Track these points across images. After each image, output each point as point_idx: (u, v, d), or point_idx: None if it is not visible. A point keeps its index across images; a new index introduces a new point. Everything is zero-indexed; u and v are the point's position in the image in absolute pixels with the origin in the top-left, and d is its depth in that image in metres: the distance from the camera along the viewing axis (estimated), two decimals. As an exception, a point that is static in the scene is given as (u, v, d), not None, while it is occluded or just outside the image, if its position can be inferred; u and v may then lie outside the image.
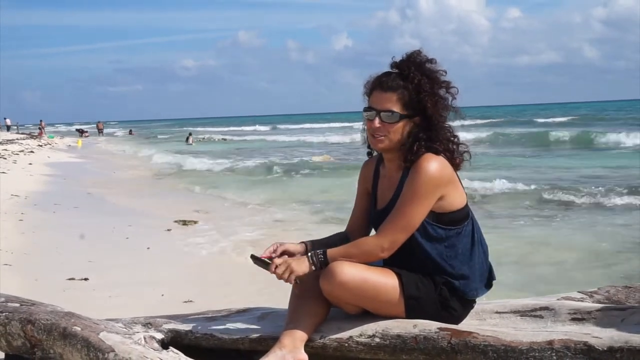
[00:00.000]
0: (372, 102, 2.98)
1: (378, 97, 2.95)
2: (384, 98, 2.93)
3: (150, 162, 26.16)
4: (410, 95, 2.91)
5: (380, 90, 2.95)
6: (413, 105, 2.92)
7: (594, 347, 2.61)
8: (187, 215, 10.97)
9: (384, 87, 2.94)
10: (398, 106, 2.92)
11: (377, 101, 2.95)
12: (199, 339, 3.07)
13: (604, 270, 6.96)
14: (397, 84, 2.92)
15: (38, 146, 33.87)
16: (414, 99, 2.91)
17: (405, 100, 2.92)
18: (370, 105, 2.98)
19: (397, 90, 2.92)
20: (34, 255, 7.46)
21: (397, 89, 2.92)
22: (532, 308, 2.97)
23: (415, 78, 2.91)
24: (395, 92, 2.92)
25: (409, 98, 2.92)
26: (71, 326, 2.99)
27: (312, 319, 2.92)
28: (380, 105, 2.94)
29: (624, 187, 12.61)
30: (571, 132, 32.23)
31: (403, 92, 2.92)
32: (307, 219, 10.92)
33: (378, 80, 2.98)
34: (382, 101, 2.93)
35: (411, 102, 2.92)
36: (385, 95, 2.93)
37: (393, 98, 2.92)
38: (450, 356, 2.78)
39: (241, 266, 7.07)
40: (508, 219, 10.37)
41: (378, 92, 2.96)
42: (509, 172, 16.91)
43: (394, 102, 2.92)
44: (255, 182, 17.52)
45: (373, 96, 2.98)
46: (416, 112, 2.93)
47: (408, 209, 2.86)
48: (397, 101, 2.92)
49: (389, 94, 2.92)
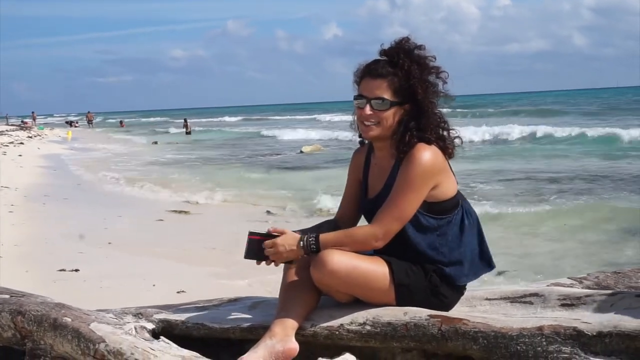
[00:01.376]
0: (362, 90, 2.97)
1: (368, 85, 2.95)
2: (374, 85, 2.93)
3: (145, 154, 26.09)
4: (400, 81, 2.91)
5: (370, 78, 2.94)
6: (403, 91, 2.92)
7: (583, 332, 2.62)
8: (177, 206, 10.97)
9: (374, 75, 2.94)
10: (388, 93, 2.92)
11: (368, 88, 2.95)
12: (190, 328, 3.07)
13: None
14: (387, 71, 2.92)
15: (28, 137, 33.69)
16: (404, 85, 2.91)
17: (395, 86, 2.91)
18: (360, 93, 2.97)
19: (387, 77, 2.92)
20: (24, 246, 7.44)
21: (387, 75, 2.92)
22: (522, 294, 2.98)
23: (405, 64, 2.90)
24: (385, 79, 2.92)
25: (399, 85, 2.91)
26: (62, 317, 2.98)
27: (303, 307, 2.92)
28: (371, 92, 2.93)
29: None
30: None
31: (393, 79, 2.91)
32: (297, 208, 10.92)
33: (367, 68, 2.97)
34: (373, 88, 2.93)
35: (401, 89, 2.92)
36: (375, 83, 2.93)
37: (383, 85, 2.92)
38: (441, 343, 2.78)
39: (232, 256, 7.07)
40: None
41: (368, 79, 2.95)
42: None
43: (384, 89, 2.92)
44: (246, 172, 17.50)
45: (363, 84, 2.97)
46: (406, 98, 2.93)
47: (401, 200, 2.86)
48: (387, 88, 2.91)
49: (379, 81, 2.92)
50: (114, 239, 8.14)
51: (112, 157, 24.54)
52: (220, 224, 9.49)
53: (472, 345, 2.73)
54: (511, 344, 2.67)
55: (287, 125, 44.87)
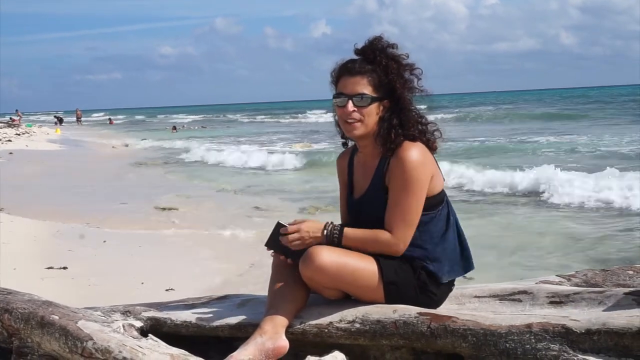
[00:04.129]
0: (341, 88, 2.97)
1: (347, 82, 2.95)
2: (354, 82, 2.93)
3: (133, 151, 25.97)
4: (379, 77, 2.93)
5: (349, 76, 2.95)
6: (383, 87, 2.93)
7: (571, 330, 2.63)
8: (166, 202, 10.94)
9: (352, 72, 2.95)
10: (369, 89, 2.92)
11: (347, 86, 2.95)
12: (178, 326, 3.06)
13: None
14: (365, 68, 2.93)
15: (16, 135, 33.47)
16: (384, 80, 2.93)
17: (375, 82, 2.93)
18: (340, 92, 2.98)
19: (365, 74, 2.93)
20: (12, 244, 7.39)
21: (365, 72, 2.93)
22: (511, 292, 2.98)
23: (382, 60, 2.92)
24: (364, 76, 2.93)
25: (379, 80, 2.93)
26: (49, 315, 2.96)
27: (292, 304, 2.91)
28: (351, 89, 2.94)
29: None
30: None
31: (372, 75, 2.93)
32: (287, 206, 10.92)
33: (345, 67, 2.99)
34: (352, 85, 2.93)
35: (381, 84, 2.93)
36: (354, 79, 2.93)
37: (363, 81, 2.92)
38: (430, 341, 2.78)
39: (221, 253, 7.06)
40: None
41: (346, 77, 2.96)
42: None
43: (364, 85, 2.92)
44: (234, 170, 17.49)
45: (341, 82, 2.98)
46: (386, 94, 2.94)
47: (407, 203, 2.87)
48: (367, 84, 2.92)
49: (358, 78, 2.93)
50: (102, 236, 8.11)
51: (99, 155, 24.43)
52: (208, 220, 9.45)
53: (461, 343, 2.73)
54: (500, 342, 2.68)
55: (279, 123, 43.82)
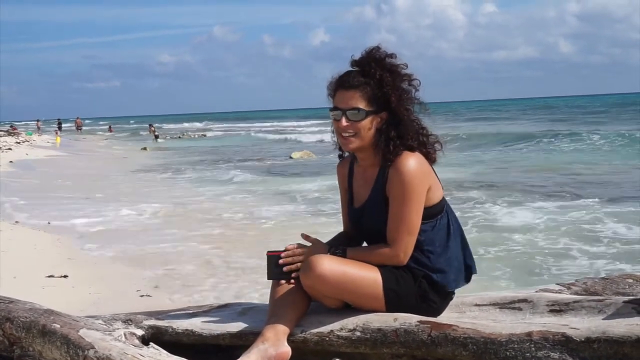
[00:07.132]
0: (337, 102, 2.99)
1: (342, 96, 2.97)
2: (348, 96, 2.95)
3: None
4: (373, 90, 2.93)
5: (343, 90, 2.97)
6: (377, 100, 2.94)
7: (571, 338, 2.63)
8: (163, 209, 10.94)
9: (346, 86, 2.96)
10: (363, 103, 2.93)
11: (342, 100, 2.97)
12: (179, 334, 3.06)
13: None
14: (359, 81, 2.94)
15: (16, 143, 33.49)
16: (378, 94, 2.93)
17: (368, 96, 2.93)
18: (335, 105, 3.00)
19: (359, 88, 2.94)
20: (12, 252, 7.39)
21: (359, 86, 2.94)
22: (511, 300, 2.99)
23: (377, 73, 2.93)
24: (357, 90, 2.94)
25: (372, 94, 2.93)
26: (50, 323, 2.97)
27: (294, 312, 2.92)
28: (345, 103, 2.95)
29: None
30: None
31: (365, 88, 2.94)
32: (290, 214, 10.91)
33: (340, 80, 3.00)
34: (347, 99, 2.95)
35: (375, 98, 2.94)
36: (349, 94, 2.95)
37: (356, 95, 2.94)
38: (431, 349, 2.79)
39: (219, 262, 7.06)
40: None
41: (341, 91, 2.98)
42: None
43: (358, 99, 2.93)
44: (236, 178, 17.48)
45: (337, 96, 2.99)
46: (381, 107, 2.95)
47: (406, 214, 2.88)
48: (361, 98, 2.93)
49: (352, 92, 2.94)
50: (102, 243, 8.10)
51: (102, 163, 24.43)
52: (202, 227, 9.45)
53: (462, 351, 2.74)
54: (500, 350, 2.68)
55: (278, 131, 43.29)
